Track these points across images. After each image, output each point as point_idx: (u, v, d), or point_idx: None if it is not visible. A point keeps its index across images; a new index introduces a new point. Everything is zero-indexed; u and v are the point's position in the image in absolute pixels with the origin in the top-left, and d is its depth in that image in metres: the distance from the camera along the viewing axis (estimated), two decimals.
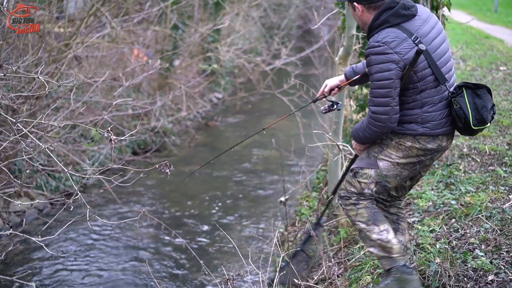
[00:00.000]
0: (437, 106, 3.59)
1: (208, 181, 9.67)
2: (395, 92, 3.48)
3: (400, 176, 3.78)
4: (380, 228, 3.77)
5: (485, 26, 18.97)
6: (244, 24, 17.30)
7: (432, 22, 3.62)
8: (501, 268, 4.09)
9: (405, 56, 3.43)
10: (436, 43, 3.57)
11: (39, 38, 7.16)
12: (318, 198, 7.01)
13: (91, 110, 9.71)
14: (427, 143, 3.63)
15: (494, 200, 5.16)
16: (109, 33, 9.78)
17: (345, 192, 3.86)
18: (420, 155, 3.69)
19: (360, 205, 3.80)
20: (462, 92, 3.57)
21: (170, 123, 12.16)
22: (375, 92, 3.52)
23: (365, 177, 3.77)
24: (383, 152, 3.73)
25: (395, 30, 3.49)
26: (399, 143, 3.67)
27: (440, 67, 3.55)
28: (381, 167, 3.72)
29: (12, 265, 6.65)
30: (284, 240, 6.52)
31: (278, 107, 13.68)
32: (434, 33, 3.59)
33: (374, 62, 3.48)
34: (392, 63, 3.43)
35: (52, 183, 8.50)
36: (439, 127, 3.61)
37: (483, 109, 3.56)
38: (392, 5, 3.53)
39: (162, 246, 7.28)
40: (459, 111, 3.54)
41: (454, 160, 6.37)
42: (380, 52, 3.45)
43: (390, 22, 3.51)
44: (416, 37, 3.46)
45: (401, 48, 3.43)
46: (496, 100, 8.71)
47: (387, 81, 3.45)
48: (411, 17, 3.54)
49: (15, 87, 6.75)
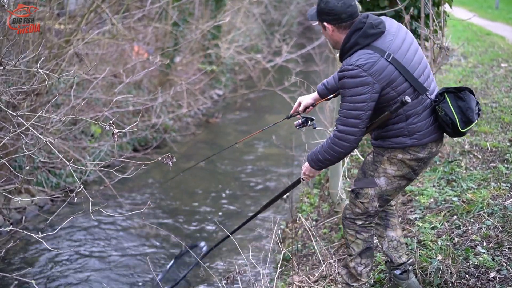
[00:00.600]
0: (422, 115, 3.61)
1: (209, 177, 9.66)
2: (366, 115, 3.49)
3: (400, 187, 3.83)
4: (361, 261, 3.92)
5: (486, 23, 18.95)
6: (245, 20, 17.28)
7: (402, 34, 3.63)
8: (503, 265, 4.08)
9: (379, 77, 3.44)
10: (409, 54, 3.57)
11: (40, 35, 7.14)
12: (319, 195, 7.00)
13: (91, 107, 9.70)
14: (418, 153, 3.67)
15: (495, 197, 5.15)
16: (109, 29, 9.76)
17: (351, 214, 3.90)
18: (413, 165, 3.72)
19: (361, 235, 3.88)
20: (444, 98, 3.58)
21: (171, 120, 12.15)
22: (345, 113, 3.53)
23: (366, 196, 3.80)
24: (377, 169, 3.77)
25: (367, 51, 3.48)
26: (391, 157, 3.70)
27: (417, 77, 3.56)
28: (379, 184, 3.77)
29: (12, 262, 6.64)
30: (285, 237, 6.52)
31: (278, 104, 13.66)
32: (406, 44, 3.60)
33: (348, 85, 3.48)
34: (367, 86, 3.43)
35: (52, 179, 8.49)
36: (426, 136, 3.64)
37: (468, 110, 3.56)
38: (359, 26, 3.53)
39: (162, 243, 7.27)
40: (445, 117, 3.55)
41: (456, 157, 6.35)
42: (354, 76, 3.45)
43: (361, 44, 3.52)
44: (389, 54, 3.47)
45: (375, 69, 3.43)
46: (498, 97, 8.69)
47: (360, 104, 3.46)
48: (380, 35, 3.54)
49: (16, 83, 6.73)
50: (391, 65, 3.45)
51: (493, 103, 8.41)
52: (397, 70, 3.46)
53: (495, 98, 8.68)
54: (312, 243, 5.59)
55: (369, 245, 3.90)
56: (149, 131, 10.93)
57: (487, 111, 7.99)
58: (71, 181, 8.62)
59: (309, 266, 5.28)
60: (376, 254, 4.79)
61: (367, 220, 3.87)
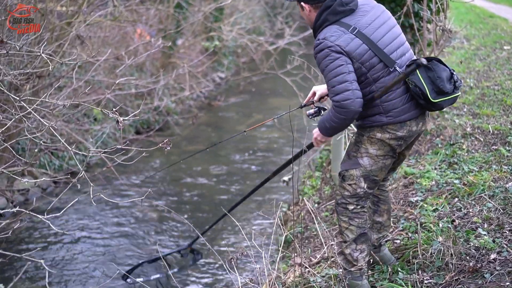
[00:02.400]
0: (396, 92, 3.62)
1: (211, 161, 9.68)
2: (350, 76, 3.50)
3: (385, 167, 3.82)
4: (356, 247, 3.92)
5: (489, 5, 18.86)
6: (248, 3, 17.22)
7: (377, 12, 3.68)
8: (503, 246, 4.10)
9: (346, 48, 3.50)
10: (381, 30, 3.61)
11: (41, 17, 7.13)
12: (321, 178, 7.02)
13: (94, 89, 9.71)
14: (396, 131, 3.67)
15: (497, 179, 5.16)
16: (111, 11, 9.74)
17: (341, 198, 3.91)
18: (393, 144, 3.72)
19: (354, 221, 3.88)
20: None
21: (173, 103, 12.15)
22: (331, 82, 3.54)
23: (352, 178, 3.81)
24: (359, 149, 3.78)
25: (333, 26, 3.58)
26: (370, 137, 3.72)
27: (388, 53, 3.59)
28: (363, 164, 3.77)
29: (17, 243, 6.69)
30: (287, 219, 6.55)
31: (281, 87, 13.66)
32: (379, 21, 3.64)
33: (321, 58, 3.55)
34: (337, 53, 3.50)
35: (55, 162, 8.52)
36: (402, 113, 3.64)
37: (438, 80, 3.55)
38: (329, 3, 3.62)
39: (166, 225, 7.31)
40: (414, 89, 3.56)
41: (458, 140, 6.36)
42: (323, 48, 3.53)
43: (330, 20, 3.61)
44: (354, 28, 3.54)
45: (341, 40, 3.51)
46: (500, 79, 8.68)
47: (339, 68, 3.50)
48: (349, 12, 3.62)
49: (18, 65, 6.73)
50: (357, 38, 3.53)
51: (495, 85, 8.40)
52: (364, 44, 3.53)
53: (497, 80, 8.67)
54: (314, 225, 5.62)
55: (363, 230, 3.91)
56: (152, 113, 10.94)
57: (489, 93, 7.98)
58: (74, 164, 8.65)
59: (311, 248, 5.31)
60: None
61: (358, 204, 3.87)
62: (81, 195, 6.75)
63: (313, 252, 5.18)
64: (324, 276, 4.40)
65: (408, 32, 7.39)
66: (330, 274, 4.34)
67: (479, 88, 8.39)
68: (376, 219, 4.21)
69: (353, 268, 3.94)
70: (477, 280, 3.78)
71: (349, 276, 3.98)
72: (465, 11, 16.81)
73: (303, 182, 7.27)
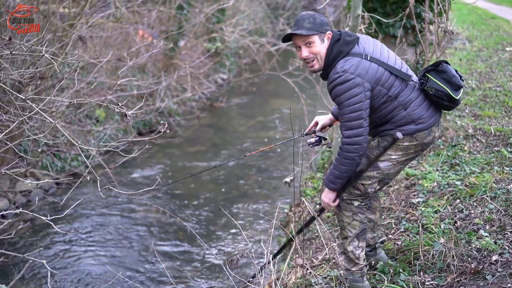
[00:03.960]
0: (417, 100, 3.71)
1: (214, 161, 9.68)
2: (366, 113, 3.59)
3: (399, 171, 3.92)
4: (359, 244, 3.95)
5: (491, 6, 18.84)
6: (249, 4, 17.22)
7: (370, 40, 3.79)
8: (505, 248, 4.09)
9: (366, 76, 3.56)
10: (383, 52, 3.72)
11: (44, 18, 7.14)
12: (322, 179, 7.01)
13: (96, 91, 9.72)
14: (424, 139, 3.75)
15: (498, 181, 5.16)
16: (113, 13, 9.75)
17: (348, 195, 3.92)
18: (418, 150, 3.81)
19: (358, 216, 3.91)
20: (428, 78, 3.69)
21: (175, 104, 12.16)
22: (346, 117, 3.61)
23: (368, 178, 3.84)
24: (382, 154, 3.79)
25: (347, 58, 3.62)
26: (397, 143, 3.75)
27: (399, 68, 3.69)
28: (382, 168, 3.81)
29: (19, 244, 6.69)
30: (288, 221, 6.55)
31: (283, 89, 13.65)
32: (378, 46, 3.76)
33: (341, 91, 3.57)
34: (358, 86, 3.53)
35: (57, 163, 8.53)
36: (430, 118, 3.73)
37: (453, 78, 3.67)
38: (337, 36, 3.69)
39: (167, 226, 7.32)
40: (437, 93, 3.65)
41: (459, 141, 6.36)
42: (343, 81, 3.55)
43: (344, 52, 3.65)
44: (366, 55, 3.62)
45: (360, 70, 3.55)
46: (502, 81, 8.68)
47: (357, 105, 3.55)
48: (356, 41, 3.69)
49: (20, 65, 6.74)
50: (373, 63, 3.60)
51: (497, 87, 8.40)
52: (379, 66, 3.61)
53: (499, 82, 8.67)
54: (315, 226, 5.62)
55: (364, 226, 3.96)
56: (153, 114, 10.96)
57: (491, 95, 7.98)
58: (76, 165, 8.67)
59: (312, 249, 5.31)
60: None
61: (363, 202, 3.94)
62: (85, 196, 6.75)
63: (315, 253, 5.17)
64: (326, 278, 4.41)
65: (410, 34, 7.40)
66: (331, 276, 4.34)
67: (481, 89, 8.39)
68: (368, 216, 4.23)
69: (355, 267, 3.95)
70: (479, 281, 3.78)
71: (350, 278, 3.98)
72: (467, 12, 16.80)
73: (305, 183, 7.27)
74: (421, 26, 6.90)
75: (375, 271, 4.26)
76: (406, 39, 7.34)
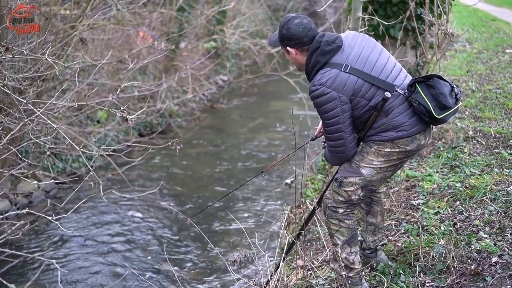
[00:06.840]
0: (400, 108, 3.66)
1: (214, 163, 9.70)
2: (346, 124, 3.64)
3: (385, 178, 3.87)
4: (351, 250, 3.94)
5: (491, 9, 18.85)
6: (250, 6, 17.24)
7: (362, 42, 3.75)
8: (505, 250, 4.11)
9: (343, 89, 3.57)
10: (371, 59, 3.67)
11: (45, 20, 7.16)
12: (323, 180, 7.03)
13: (97, 92, 9.74)
14: (406, 146, 3.70)
15: (498, 183, 5.18)
16: (115, 15, 9.77)
17: (332, 202, 3.90)
18: (401, 158, 3.78)
19: (344, 223, 3.88)
20: (416, 89, 3.62)
21: (176, 105, 12.18)
22: (327, 130, 3.70)
23: (351, 185, 3.82)
24: (364, 160, 3.79)
25: (326, 69, 3.62)
26: (379, 149, 3.74)
27: (384, 78, 3.64)
28: (364, 174, 3.79)
29: (20, 244, 6.71)
30: (289, 222, 6.56)
31: (284, 90, 13.68)
32: (367, 50, 3.70)
33: (318, 104, 3.63)
34: (334, 101, 3.57)
35: (59, 164, 8.55)
36: (412, 126, 3.67)
37: (441, 96, 3.57)
38: (316, 45, 3.67)
39: (170, 227, 7.33)
40: (419, 107, 3.59)
41: (459, 143, 6.38)
42: (320, 94, 3.59)
43: (321, 62, 3.66)
44: (346, 65, 3.59)
45: (337, 83, 3.56)
46: (502, 83, 8.70)
47: (335, 118, 3.61)
48: (337, 50, 3.66)
49: (22, 69, 6.77)
50: (352, 75, 3.58)
51: (497, 89, 8.42)
52: (359, 78, 3.59)
53: (499, 84, 8.68)
54: (316, 228, 5.64)
55: (354, 231, 3.92)
56: (154, 116, 10.98)
57: (491, 97, 7.99)
58: (77, 166, 8.68)
59: (313, 251, 5.33)
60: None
61: (348, 208, 3.89)
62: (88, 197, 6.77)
63: (315, 254, 5.19)
64: (327, 279, 4.43)
65: (410, 36, 7.42)
66: (332, 277, 4.36)
67: (481, 91, 8.41)
68: (369, 220, 4.25)
69: (352, 273, 3.94)
70: (479, 283, 3.80)
71: (348, 283, 3.97)
72: (468, 14, 16.80)
73: (306, 185, 7.28)
74: (421, 28, 6.92)
75: (375, 272, 4.28)
76: (406, 41, 7.37)
